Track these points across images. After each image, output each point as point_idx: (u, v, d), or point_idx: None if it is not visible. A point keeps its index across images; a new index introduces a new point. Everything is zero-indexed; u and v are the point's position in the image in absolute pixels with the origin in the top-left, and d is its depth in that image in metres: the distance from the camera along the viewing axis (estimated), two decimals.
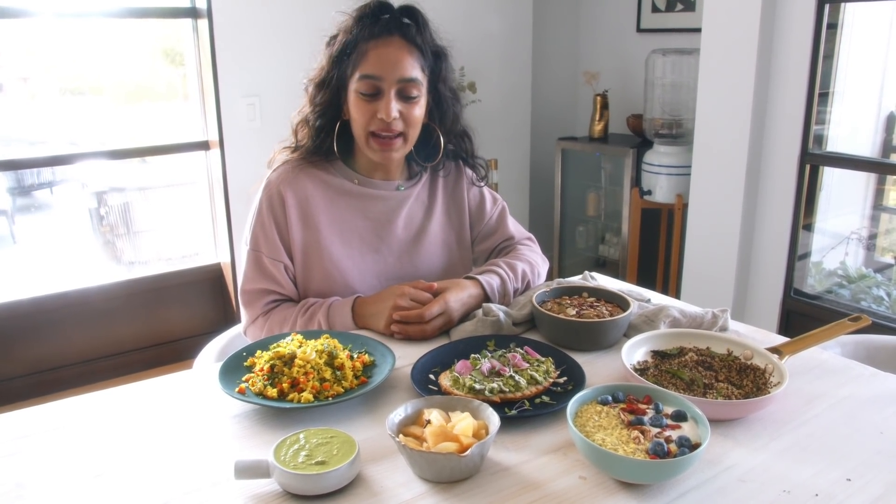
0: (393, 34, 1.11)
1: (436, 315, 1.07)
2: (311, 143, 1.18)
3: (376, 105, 1.10)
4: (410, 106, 1.13)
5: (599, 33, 3.41)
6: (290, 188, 1.16)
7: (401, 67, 1.10)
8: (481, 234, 1.34)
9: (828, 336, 0.97)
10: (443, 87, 1.19)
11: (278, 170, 1.19)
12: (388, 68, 1.09)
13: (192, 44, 2.63)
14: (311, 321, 1.12)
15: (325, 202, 1.18)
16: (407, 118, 1.13)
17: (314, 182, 1.19)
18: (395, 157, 1.16)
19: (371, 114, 1.11)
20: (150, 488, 0.72)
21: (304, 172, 1.19)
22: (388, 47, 1.10)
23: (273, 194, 1.16)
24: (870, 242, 2.64)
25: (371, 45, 1.10)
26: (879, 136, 2.51)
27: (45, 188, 3.05)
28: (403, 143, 1.15)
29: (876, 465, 0.75)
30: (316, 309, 1.13)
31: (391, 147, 1.13)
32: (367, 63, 1.10)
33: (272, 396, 0.86)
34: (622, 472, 0.71)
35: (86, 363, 2.61)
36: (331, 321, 1.12)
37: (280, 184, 1.17)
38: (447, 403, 0.80)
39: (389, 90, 1.10)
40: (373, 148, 1.14)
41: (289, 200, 1.16)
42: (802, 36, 2.27)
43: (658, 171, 2.84)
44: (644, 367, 0.93)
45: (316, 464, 0.71)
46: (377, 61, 1.10)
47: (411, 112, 1.13)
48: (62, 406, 0.89)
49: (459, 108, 1.25)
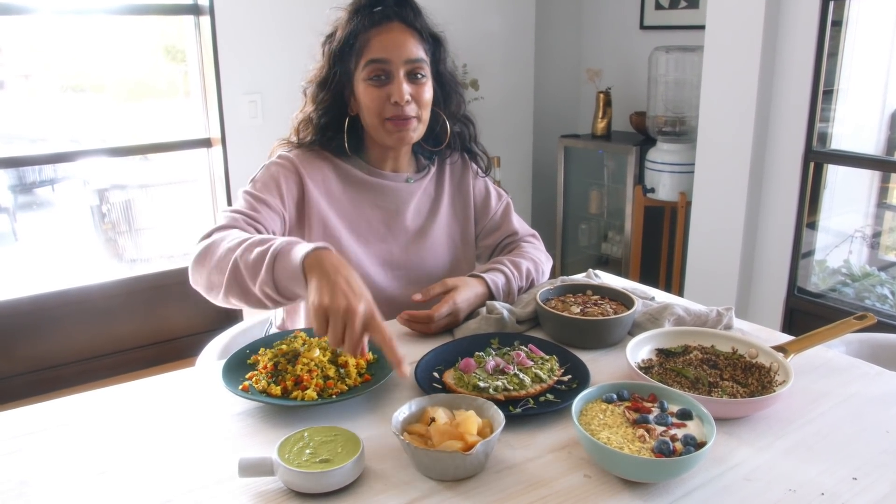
0: (392, 20, 1.12)
1: (444, 315, 1.07)
2: (315, 139, 1.18)
3: (387, 89, 1.10)
4: (420, 87, 1.13)
5: (602, 30, 3.40)
6: (307, 166, 1.15)
7: (406, 49, 1.11)
8: (486, 229, 1.34)
9: (833, 334, 0.97)
10: (444, 70, 1.20)
11: (294, 151, 1.17)
12: (393, 50, 1.10)
13: (194, 41, 2.62)
14: (261, 243, 0.91)
15: (338, 186, 1.18)
16: (419, 99, 1.13)
17: (328, 165, 1.18)
18: (413, 137, 1.15)
19: (383, 99, 1.11)
20: (153, 486, 0.72)
21: (317, 155, 1.18)
22: (391, 32, 1.11)
23: (288, 166, 1.14)
24: (874, 240, 2.63)
25: (372, 32, 1.11)
26: (884, 134, 2.50)
27: (46, 185, 3.04)
28: (419, 125, 1.15)
29: (882, 464, 0.75)
30: (282, 239, 0.90)
31: (408, 126, 1.13)
32: (371, 49, 1.10)
33: (276, 394, 0.86)
34: (627, 470, 0.71)
35: (87, 361, 2.60)
36: (283, 249, 0.88)
37: (297, 159, 1.15)
38: (451, 401, 0.80)
39: (398, 72, 1.10)
40: (389, 130, 1.13)
41: (306, 177, 1.14)
42: (806, 33, 2.26)
43: (661, 168, 2.83)
44: (649, 366, 0.92)
45: (320, 462, 0.70)
46: (381, 45, 1.10)
47: (421, 93, 1.13)
48: (65, 404, 0.89)
49: (462, 91, 1.26)
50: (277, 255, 0.87)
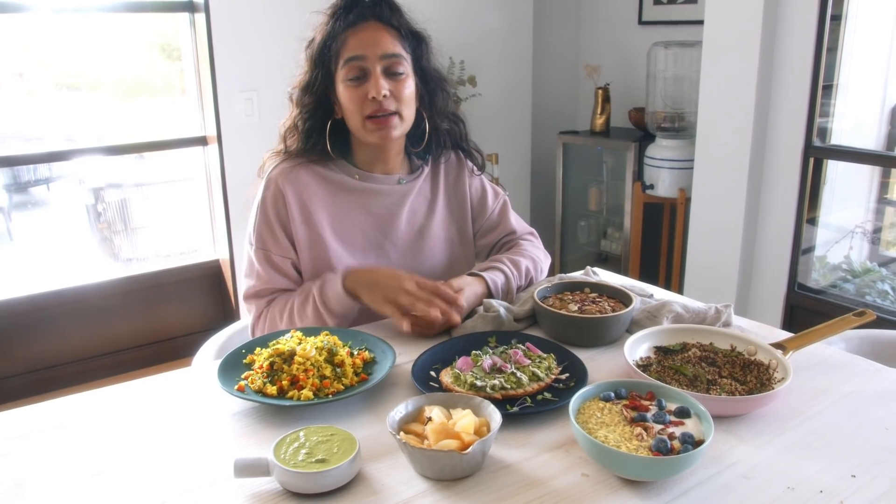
0: (368, 19, 1.13)
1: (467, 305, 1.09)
2: (301, 146, 1.18)
3: (365, 87, 1.11)
4: (398, 83, 1.13)
5: (601, 26, 3.39)
6: (291, 185, 1.16)
7: (381, 44, 1.12)
8: (483, 228, 1.33)
9: (832, 331, 0.96)
10: (428, 67, 1.20)
11: (279, 167, 1.18)
12: (368, 47, 1.11)
13: (190, 38, 2.61)
14: (306, 300, 1.11)
15: (326, 199, 1.18)
16: (398, 95, 1.13)
17: (315, 178, 1.18)
18: (395, 135, 1.15)
19: (362, 97, 1.11)
20: (148, 487, 0.72)
21: (304, 169, 1.18)
22: (366, 30, 1.13)
23: (275, 191, 1.16)
24: (874, 236, 2.62)
25: (349, 32, 1.12)
26: (884, 129, 2.49)
27: (41, 185, 3.03)
28: (400, 121, 1.15)
29: (881, 461, 0.74)
30: (310, 285, 1.12)
31: (388, 124, 1.13)
32: (347, 48, 1.12)
33: (272, 394, 0.85)
34: (625, 469, 0.70)
35: (83, 361, 2.60)
36: (323, 293, 1.09)
37: (280, 181, 1.16)
38: (448, 400, 0.80)
39: (375, 68, 1.11)
40: (369, 129, 1.13)
41: (290, 197, 1.15)
42: (806, 28, 2.25)
43: (660, 164, 2.83)
44: (647, 364, 0.92)
45: (316, 462, 0.70)
46: (357, 43, 1.12)
47: (400, 89, 1.13)
48: (60, 405, 0.89)
49: (448, 90, 1.25)
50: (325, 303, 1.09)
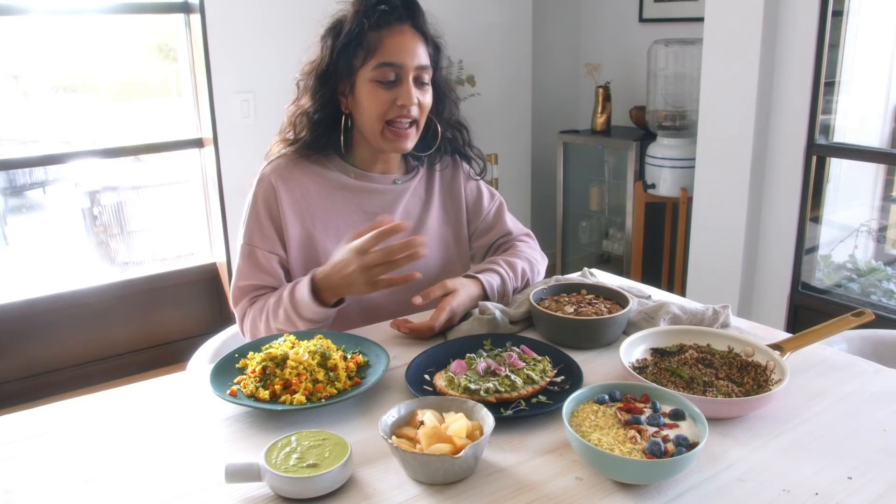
0: (405, 22, 1.13)
1: (443, 322, 1.06)
2: (309, 136, 1.17)
3: (395, 92, 1.11)
4: (424, 93, 1.15)
5: (601, 24, 3.37)
6: (284, 182, 1.16)
7: (418, 54, 1.12)
8: (479, 229, 1.32)
9: (830, 332, 0.95)
10: (439, 77, 1.21)
11: (272, 163, 1.18)
12: (407, 56, 1.11)
13: (185, 39, 2.60)
14: (278, 303, 1.08)
15: (320, 197, 1.17)
16: (422, 105, 1.14)
17: (309, 176, 1.18)
18: (409, 146, 1.16)
19: (389, 101, 1.11)
20: (140, 493, 0.71)
21: (298, 166, 1.17)
22: (403, 35, 1.12)
23: (267, 188, 1.16)
24: (880, 235, 2.60)
25: (384, 32, 1.11)
26: (888, 126, 2.47)
27: (37, 188, 3.03)
28: (416, 132, 1.16)
29: (878, 463, 0.73)
30: (281, 290, 1.10)
31: (406, 135, 1.14)
32: (384, 51, 1.11)
33: (264, 398, 0.85)
34: (618, 472, 0.69)
35: (79, 366, 2.58)
36: (294, 302, 1.06)
37: (274, 177, 1.16)
38: (441, 404, 0.79)
39: (408, 77, 1.11)
40: (388, 138, 1.14)
41: (282, 194, 1.15)
42: (807, 24, 2.24)
43: (662, 164, 2.81)
44: (643, 366, 0.91)
45: (307, 466, 0.70)
46: (396, 48, 1.11)
47: (425, 99, 1.15)
48: (52, 410, 0.88)
49: (455, 98, 1.26)
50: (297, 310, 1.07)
